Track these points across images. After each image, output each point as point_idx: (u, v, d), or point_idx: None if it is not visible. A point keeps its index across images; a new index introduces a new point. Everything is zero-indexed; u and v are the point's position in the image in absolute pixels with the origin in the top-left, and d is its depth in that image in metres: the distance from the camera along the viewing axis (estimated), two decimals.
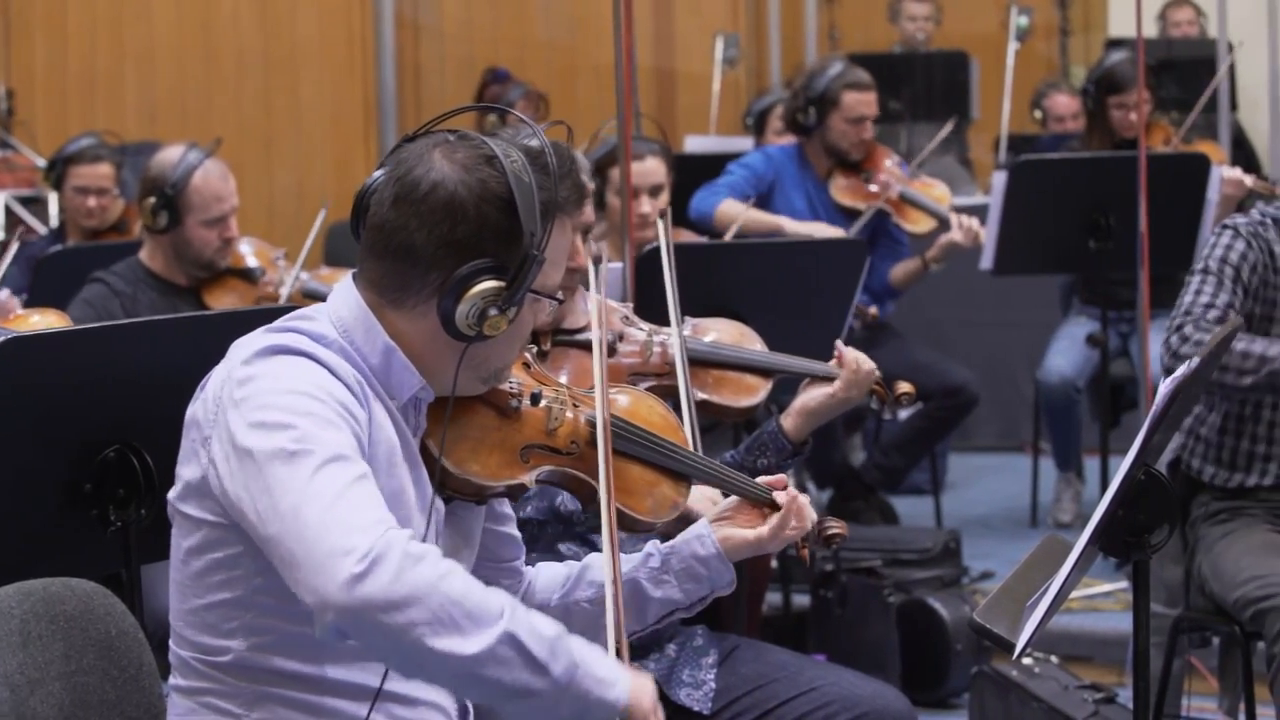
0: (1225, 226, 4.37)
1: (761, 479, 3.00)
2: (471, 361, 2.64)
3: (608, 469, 2.64)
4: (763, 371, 3.82)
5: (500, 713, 2.66)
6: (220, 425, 2.51)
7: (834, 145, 6.88)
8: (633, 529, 2.90)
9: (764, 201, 6.80)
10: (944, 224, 6.81)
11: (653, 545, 2.94)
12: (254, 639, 2.56)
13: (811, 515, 2.95)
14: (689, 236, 6.20)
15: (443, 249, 2.58)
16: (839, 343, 3.80)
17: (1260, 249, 4.32)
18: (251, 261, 5.58)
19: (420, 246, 2.59)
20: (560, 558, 3.21)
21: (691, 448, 3.04)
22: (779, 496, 2.96)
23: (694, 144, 9.61)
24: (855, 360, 3.77)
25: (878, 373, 3.82)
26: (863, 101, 6.85)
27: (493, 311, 2.58)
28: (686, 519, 3.00)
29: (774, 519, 2.93)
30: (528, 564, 2.99)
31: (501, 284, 2.58)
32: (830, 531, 3.04)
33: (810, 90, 6.85)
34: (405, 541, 2.35)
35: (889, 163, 6.96)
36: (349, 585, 2.31)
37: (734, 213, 6.57)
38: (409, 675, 2.54)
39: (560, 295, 2.74)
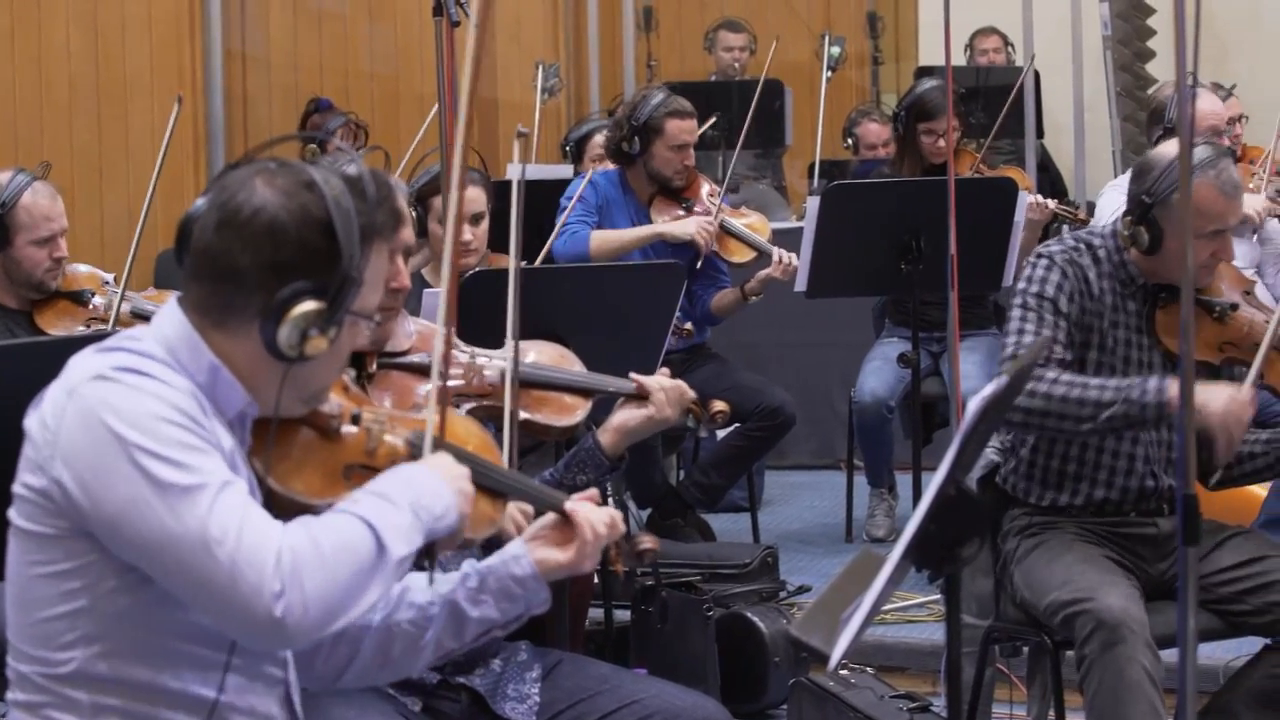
0: (1040, 255, 4.38)
1: (576, 495, 3.04)
2: (293, 382, 2.69)
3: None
4: (582, 392, 3.90)
5: None
6: (71, 445, 2.55)
7: (657, 172, 6.95)
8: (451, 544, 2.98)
9: (594, 227, 6.88)
10: (763, 256, 6.91)
11: (470, 565, 2.98)
12: (96, 647, 2.60)
13: (620, 524, 2.99)
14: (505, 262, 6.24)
15: (265, 271, 2.64)
16: (635, 375, 3.87)
17: (1075, 276, 4.34)
18: (82, 284, 5.59)
19: (243, 269, 2.64)
20: None
21: (508, 467, 3.11)
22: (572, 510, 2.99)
23: (516, 171, 9.64)
24: (660, 387, 3.85)
25: (692, 393, 3.90)
26: (685, 129, 6.93)
27: (313, 333, 2.64)
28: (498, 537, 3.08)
29: (575, 540, 2.98)
30: None
31: (321, 305, 2.64)
32: (642, 547, 3.10)
33: (634, 118, 6.89)
34: (292, 556, 2.53)
35: (705, 191, 7.05)
36: (276, 630, 2.52)
37: (608, 242, 6.71)
38: None
39: (378, 317, 2.81)
